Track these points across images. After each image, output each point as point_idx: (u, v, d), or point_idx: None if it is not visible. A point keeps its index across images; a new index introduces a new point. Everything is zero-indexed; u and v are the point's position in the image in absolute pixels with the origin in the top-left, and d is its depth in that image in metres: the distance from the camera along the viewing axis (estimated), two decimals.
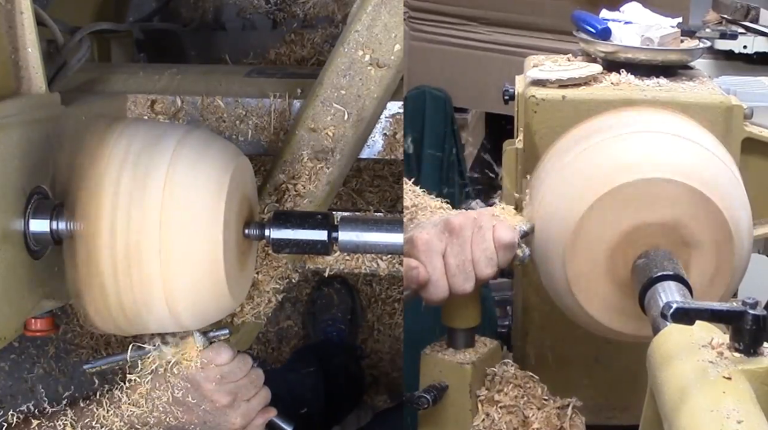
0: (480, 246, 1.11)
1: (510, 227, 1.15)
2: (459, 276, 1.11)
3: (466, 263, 1.11)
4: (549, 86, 1.25)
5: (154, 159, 1.11)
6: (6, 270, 1.10)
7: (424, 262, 1.11)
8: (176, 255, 1.10)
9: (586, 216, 1.08)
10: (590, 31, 1.34)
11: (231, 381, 1.27)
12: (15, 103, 1.16)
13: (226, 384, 1.27)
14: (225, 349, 1.27)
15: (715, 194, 1.07)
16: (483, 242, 1.11)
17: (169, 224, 1.09)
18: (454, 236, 1.11)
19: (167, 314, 1.14)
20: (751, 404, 0.76)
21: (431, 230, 1.12)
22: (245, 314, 1.41)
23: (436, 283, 1.11)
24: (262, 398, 1.33)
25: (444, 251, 1.11)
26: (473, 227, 1.12)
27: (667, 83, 1.28)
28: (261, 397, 1.33)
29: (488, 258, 1.12)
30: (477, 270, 1.11)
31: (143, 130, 1.16)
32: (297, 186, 1.42)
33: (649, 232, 1.08)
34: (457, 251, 1.11)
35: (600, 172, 1.11)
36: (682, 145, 1.14)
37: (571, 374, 1.33)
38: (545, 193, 1.19)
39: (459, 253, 1.11)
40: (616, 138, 1.17)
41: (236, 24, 2.43)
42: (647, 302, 0.99)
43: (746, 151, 1.25)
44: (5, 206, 1.09)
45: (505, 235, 1.12)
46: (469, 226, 1.12)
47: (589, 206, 1.08)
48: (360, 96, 1.39)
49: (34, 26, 1.22)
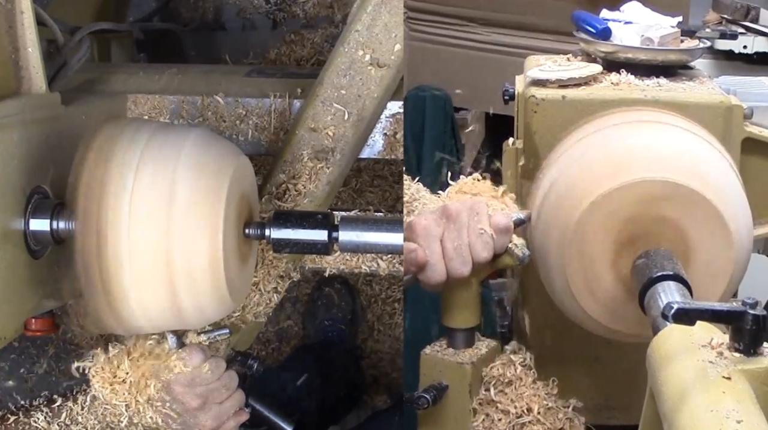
0: (476, 231, 1.14)
1: (506, 213, 1.18)
2: (456, 260, 1.13)
3: (462, 247, 1.13)
4: (549, 86, 1.25)
5: (154, 159, 1.11)
6: (6, 270, 1.10)
7: (422, 246, 1.13)
8: (177, 255, 1.10)
9: (585, 216, 1.08)
10: (590, 31, 1.34)
11: (201, 384, 1.28)
12: (15, 103, 1.16)
13: (197, 387, 1.27)
14: (196, 352, 1.27)
15: (714, 195, 1.07)
16: (479, 227, 1.14)
17: (170, 223, 1.09)
18: (451, 221, 1.14)
19: (168, 314, 1.14)
20: (750, 404, 0.76)
21: (429, 216, 1.15)
22: (245, 314, 1.41)
23: (434, 266, 1.13)
24: (235, 400, 1.33)
25: (441, 235, 1.13)
26: (470, 212, 1.15)
27: (667, 83, 1.28)
28: (234, 400, 1.33)
29: (484, 242, 1.14)
30: (473, 254, 1.14)
31: (144, 131, 1.16)
32: (297, 185, 1.42)
33: (649, 232, 1.08)
34: (454, 236, 1.13)
35: (600, 172, 1.11)
36: (682, 146, 1.14)
37: (571, 374, 1.33)
38: (546, 193, 1.19)
39: (456, 237, 1.13)
40: (616, 138, 1.17)
41: (236, 24, 2.43)
42: (647, 302, 0.99)
43: (746, 151, 1.25)
44: (5, 206, 1.09)
45: (501, 219, 1.15)
46: (465, 211, 1.14)
47: (589, 206, 1.08)
48: (360, 96, 1.39)
49: (34, 26, 1.22)
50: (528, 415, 1.20)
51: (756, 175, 1.27)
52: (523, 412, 1.20)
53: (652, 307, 0.97)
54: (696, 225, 1.07)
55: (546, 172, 1.23)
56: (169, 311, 1.13)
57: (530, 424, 1.19)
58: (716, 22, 2.59)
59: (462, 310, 1.24)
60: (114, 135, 1.14)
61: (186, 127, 1.41)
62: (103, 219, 1.08)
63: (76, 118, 1.31)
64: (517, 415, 1.20)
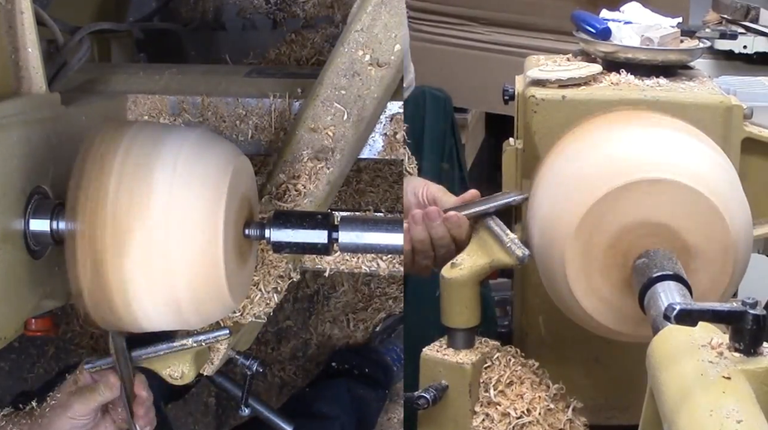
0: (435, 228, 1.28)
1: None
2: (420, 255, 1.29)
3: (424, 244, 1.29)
4: (549, 86, 1.25)
5: (154, 159, 1.11)
6: (6, 270, 1.10)
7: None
8: (177, 255, 1.09)
9: (586, 216, 1.08)
10: (590, 31, 1.34)
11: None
12: (15, 103, 1.16)
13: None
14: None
15: (714, 194, 1.07)
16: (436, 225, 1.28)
17: (170, 224, 1.09)
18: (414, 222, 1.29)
19: (168, 314, 1.14)
20: (750, 404, 0.76)
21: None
22: (245, 314, 1.41)
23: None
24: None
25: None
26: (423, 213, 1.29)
27: (667, 83, 1.28)
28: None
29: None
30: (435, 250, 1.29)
31: (144, 131, 1.16)
32: (297, 185, 1.42)
33: (649, 232, 1.08)
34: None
35: (600, 173, 1.11)
36: (682, 146, 1.14)
37: (571, 374, 1.33)
38: (546, 193, 1.19)
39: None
40: (616, 138, 1.17)
41: (236, 24, 2.43)
42: (647, 302, 0.99)
43: (746, 151, 1.25)
44: (5, 206, 1.09)
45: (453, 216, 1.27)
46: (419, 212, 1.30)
47: (590, 206, 1.08)
48: (360, 96, 1.39)
49: (34, 26, 1.21)
50: (528, 416, 1.20)
51: (756, 175, 1.27)
52: (523, 413, 1.20)
53: (652, 307, 0.97)
54: (695, 225, 1.07)
55: (546, 172, 1.23)
56: (168, 310, 1.13)
57: (530, 425, 1.19)
58: (716, 22, 2.59)
59: (462, 310, 1.24)
60: (113, 137, 1.13)
61: (185, 127, 1.41)
62: (102, 220, 1.08)
63: (76, 118, 1.31)
64: (517, 416, 1.20)
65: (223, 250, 1.12)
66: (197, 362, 1.37)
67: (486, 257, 1.22)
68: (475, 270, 1.22)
